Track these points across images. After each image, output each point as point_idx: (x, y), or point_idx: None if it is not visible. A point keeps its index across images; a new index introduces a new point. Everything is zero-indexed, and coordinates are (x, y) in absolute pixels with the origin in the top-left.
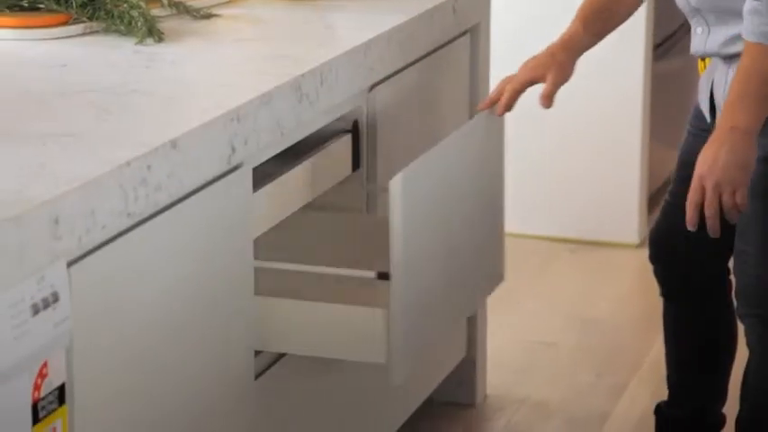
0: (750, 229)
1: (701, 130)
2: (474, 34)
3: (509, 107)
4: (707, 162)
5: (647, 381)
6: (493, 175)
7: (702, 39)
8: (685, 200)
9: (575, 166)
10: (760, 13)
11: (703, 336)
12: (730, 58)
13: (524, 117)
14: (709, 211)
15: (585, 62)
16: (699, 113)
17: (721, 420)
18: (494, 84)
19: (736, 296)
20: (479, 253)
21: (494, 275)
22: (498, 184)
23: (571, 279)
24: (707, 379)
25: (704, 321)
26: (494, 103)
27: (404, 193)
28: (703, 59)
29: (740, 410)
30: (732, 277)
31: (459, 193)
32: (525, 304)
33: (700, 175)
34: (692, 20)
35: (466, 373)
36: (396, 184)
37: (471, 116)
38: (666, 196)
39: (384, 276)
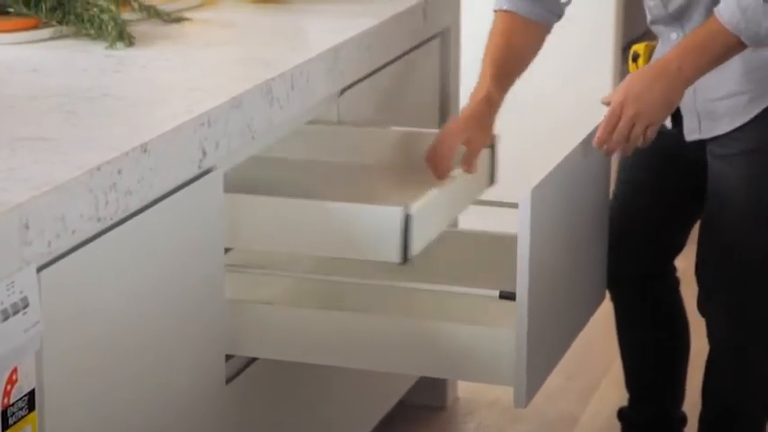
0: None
1: None
2: (444, 38)
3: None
4: (633, 91)
5: (618, 382)
6: (600, 192)
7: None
8: (630, 196)
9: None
10: (744, 10)
11: (656, 336)
12: None
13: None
14: (618, 138)
15: (554, 64)
16: None
17: (683, 419)
18: (464, 88)
19: (702, 286)
20: (588, 271)
21: (598, 294)
22: (603, 202)
23: None
24: (664, 380)
25: (657, 320)
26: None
27: (532, 209)
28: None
29: (703, 411)
30: (679, 275)
31: (577, 211)
32: None
33: (621, 101)
34: (668, 26)
35: None
36: (524, 200)
37: (441, 120)
38: (615, 191)
39: (508, 296)
